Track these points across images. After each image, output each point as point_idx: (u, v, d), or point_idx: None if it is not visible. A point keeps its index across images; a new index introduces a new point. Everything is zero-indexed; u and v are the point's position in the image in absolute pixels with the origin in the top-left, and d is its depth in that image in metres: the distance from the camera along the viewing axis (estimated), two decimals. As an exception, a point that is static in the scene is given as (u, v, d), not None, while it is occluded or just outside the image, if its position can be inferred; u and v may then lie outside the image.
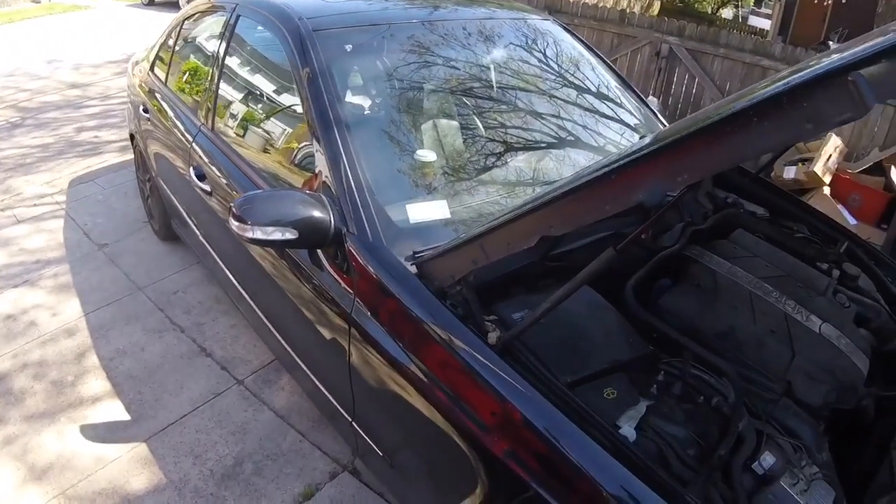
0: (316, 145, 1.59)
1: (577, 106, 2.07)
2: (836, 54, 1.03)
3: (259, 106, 2.11)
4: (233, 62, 2.27)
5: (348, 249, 1.41)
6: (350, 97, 1.78)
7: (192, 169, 2.21)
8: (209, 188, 2.08)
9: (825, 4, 9.77)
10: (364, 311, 1.36)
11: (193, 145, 2.26)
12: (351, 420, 1.59)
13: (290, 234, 1.37)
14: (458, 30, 2.03)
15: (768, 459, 1.06)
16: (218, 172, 2.06)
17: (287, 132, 1.90)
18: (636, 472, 0.95)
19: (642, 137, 2.00)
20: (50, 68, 7.16)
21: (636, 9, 12.42)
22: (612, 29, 5.42)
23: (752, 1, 18.11)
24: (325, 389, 1.71)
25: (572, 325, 1.30)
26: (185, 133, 2.37)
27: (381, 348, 1.31)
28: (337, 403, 1.65)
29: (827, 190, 3.74)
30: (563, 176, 1.72)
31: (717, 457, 1.05)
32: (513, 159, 1.80)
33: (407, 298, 1.27)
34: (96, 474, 1.93)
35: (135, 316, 2.69)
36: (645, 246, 1.62)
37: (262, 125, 2.05)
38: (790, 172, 3.81)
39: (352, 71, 1.86)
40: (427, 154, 1.66)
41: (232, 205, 1.41)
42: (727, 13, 18.14)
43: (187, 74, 2.67)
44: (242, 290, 2.11)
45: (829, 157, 3.79)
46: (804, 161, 3.86)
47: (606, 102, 2.17)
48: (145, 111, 2.91)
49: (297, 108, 1.76)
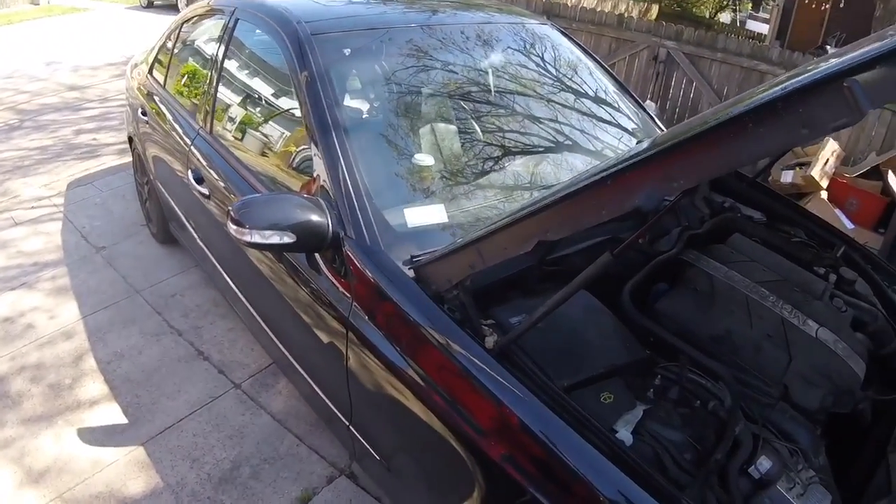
0: (314, 149, 1.59)
1: (575, 110, 2.08)
2: (833, 59, 1.04)
3: (257, 109, 2.11)
4: (231, 66, 2.27)
5: (346, 253, 1.41)
6: (348, 101, 1.78)
7: (190, 172, 2.21)
8: (207, 191, 2.08)
9: (823, 9, 9.79)
10: (361, 315, 1.37)
11: (192, 148, 2.26)
12: (348, 424, 1.59)
13: (288, 238, 1.37)
14: (457, 34, 2.04)
15: (765, 464, 1.06)
16: (216, 176, 2.06)
17: (285, 136, 1.91)
18: (633, 477, 0.95)
19: (639, 142, 2.00)
20: (48, 70, 7.16)
21: (634, 13, 12.49)
22: (609, 33, 5.43)
23: (750, 5, 18.16)
24: (322, 393, 1.71)
25: (569, 329, 1.30)
26: (184, 136, 2.37)
27: (379, 352, 1.31)
28: (334, 407, 1.65)
29: (824, 194, 3.75)
30: (561, 180, 1.72)
31: (713, 461, 1.05)
32: (510, 164, 1.81)
33: (404, 302, 1.28)
34: (93, 478, 1.93)
35: (132, 319, 2.69)
36: (642, 250, 1.62)
37: (261, 129, 2.05)
38: (787, 176, 3.83)
39: (350, 75, 1.86)
40: (425, 158, 1.66)
41: (230, 208, 1.41)
42: (725, 17, 18.20)
43: (186, 77, 2.67)
44: (240, 294, 2.11)
45: (827, 161, 3.81)
46: (802, 165, 3.88)
47: (604, 107, 2.17)
48: (144, 114, 2.90)
49: (295, 112, 1.76)
